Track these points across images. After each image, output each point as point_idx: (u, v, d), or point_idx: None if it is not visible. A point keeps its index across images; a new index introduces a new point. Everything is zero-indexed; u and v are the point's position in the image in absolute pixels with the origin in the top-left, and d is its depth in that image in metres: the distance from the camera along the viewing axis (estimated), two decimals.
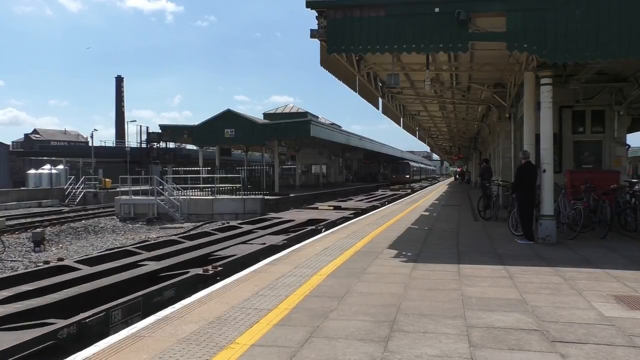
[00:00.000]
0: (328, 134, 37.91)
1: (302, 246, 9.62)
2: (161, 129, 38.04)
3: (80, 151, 63.26)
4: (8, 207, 33.69)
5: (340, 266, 7.49)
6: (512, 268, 7.28)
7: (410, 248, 9.23)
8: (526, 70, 10.79)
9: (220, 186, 28.77)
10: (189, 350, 4.01)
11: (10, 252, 17.46)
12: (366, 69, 14.38)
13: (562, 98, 13.22)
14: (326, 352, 3.97)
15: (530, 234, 9.85)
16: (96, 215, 29.01)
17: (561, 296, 5.67)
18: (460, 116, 27.32)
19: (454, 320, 4.77)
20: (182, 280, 8.11)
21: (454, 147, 54.03)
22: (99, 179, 44.78)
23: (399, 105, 22.41)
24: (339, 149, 52.38)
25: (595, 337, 4.31)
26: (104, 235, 21.83)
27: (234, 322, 4.76)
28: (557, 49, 8.58)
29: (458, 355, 3.88)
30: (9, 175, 57.75)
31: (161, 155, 57.95)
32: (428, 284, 6.31)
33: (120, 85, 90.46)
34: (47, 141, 74.97)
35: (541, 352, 3.95)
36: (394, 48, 9.29)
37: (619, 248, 9.09)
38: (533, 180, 9.94)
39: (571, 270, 7.11)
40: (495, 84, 16.97)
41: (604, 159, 14.05)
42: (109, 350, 4.04)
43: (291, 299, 5.57)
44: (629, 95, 13.60)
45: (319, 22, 9.36)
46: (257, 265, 7.75)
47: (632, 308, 5.19)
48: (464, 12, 8.59)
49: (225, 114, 33.74)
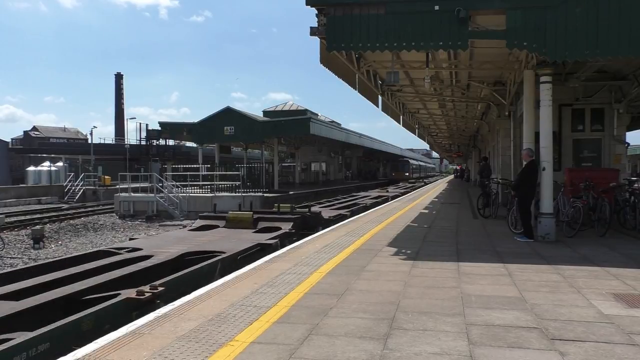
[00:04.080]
0: (328, 131, 37.92)
1: (302, 244, 9.63)
2: (160, 127, 38.05)
3: (79, 148, 63.23)
4: (7, 204, 33.68)
5: (340, 264, 7.49)
6: (512, 266, 7.29)
7: (409, 246, 9.23)
8: (526, 68, 10.78)
9: (220, 183, 28.80)
10: (189, 348, 4.01)
11: (9, 249, 17.47)
12: (366, 67, 14.36)
13: (561, 96, 13.21)
14: (326, 349, 3.97)
15: (530, 232, 9.87)
16: (95, 213, 29.03)
17: (560, 294, 5.68)
18: (460, 114, 27.32)
19: (453, 318, 4.78)
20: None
21: (453, 145, 54.00)
22: (99, 176, 44.81)
23: (399, 103, 22.40)
24: (339, 147, 52.42)
25: (594, 335, 4.31)
26: (103, 233, 21.84)
27: (234, 319, 4.76)
28: (556, 47, 8.57)
29: (457, 352, 3.89)
30: (8, 172, 57.70)
31: (160, 152, 58.06)
32: (427, 282, 6.31)
33: (120, 83, 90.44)
34: (47, 138, 74.91)
35: (540, 350, 3.96)
36: (394, 46, 9.28)
37: (618, 246, 9.10)
38: (535, 179, 9.96)
39: (570, 268, 7.12)
40: (494, 82, 16.95)
41: (604, 157, 14.04)
42: (108, 347, 4.04)
43: (291, 297, 5.57)
44: (628, 94, 13.60)
45: (318, 19, 9.35)
46: (256, 262, 7.75)
47: (631, 306, 5.20)
48: (463, 10, 8.57)
49: (225, 111, 33.76)
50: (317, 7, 9.30)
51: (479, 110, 23.54)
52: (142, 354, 3.89)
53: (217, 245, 10.17)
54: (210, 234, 12.05)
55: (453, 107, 24.79)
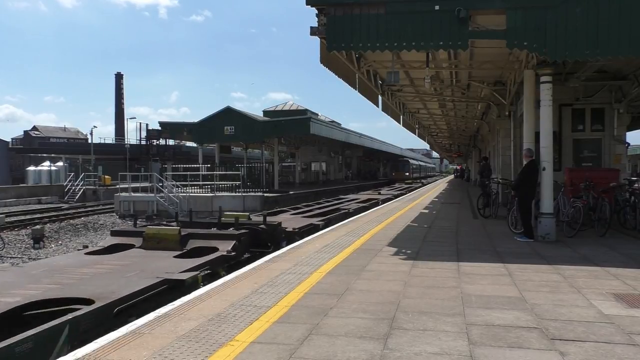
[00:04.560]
0: (328, 131, 37.92)
1: (302, 244, 9.63)
2: (161, 126, 38.06)
3: (79, 148, 63.30)
4: (7, 204, 33.67)
5: (340, 264, 7.49)
6: (512, 266, 7.29)
7: (409, 246, 9.23)
8: (526, 68, 10.78)
9: (220, 183, 28.79)
10: (189, 348, 4.01)
11: (9, 248, 17.46)
12: (366, 67, 14.36)
13: (561, 96, 13.20)
14: (326, 349, 3.97)
15: (530, 232, 9.87)
16: (95, 212, 29.03)
17: (560, 294, 5.68)
18: (460, 114, 27.32)
19: (453, 317, 4.78)
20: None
21: (453, 145, 54.01)
22: (99, 176, 44.80)
23: (399, 103, 22.40)
24: (339, 147, 52.42)
25: (595, 335, 4.31)
26: (103, 232, 21.83)
27: (234, 319, 4.76)
28: (557, 47, 8.57)
29: (457, 352, 3.89)
30: (8, 172, 57.70)
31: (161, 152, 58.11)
32: (427, 282, 6.31)
33: (120, 82, 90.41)
34: (47, 138, 74.99)
35: (540, 350, 3.96)
36: (394, 46, 9.28)
37: (618, 246, 9.10)
38: (535, 179, 9.96)
39: (570, 268, 7.12)
40: (495, 82, 16.95)
41: (604, 157, 14.04)
42: (108, 347, 4.04)
43: (291, 297, 5.57)
44: (628, 93, 13.60)
45: (319, 19, 9.35)
46: (256, 262, 7.76)
47: (631, 306, 5.20)
48: (464, 10, 8.58)
49: (225, 111, 33.76)
50: (317, 7, 9.30)
51: (479, 110, 23.54)
52: (142, 354, 3.89)
53: (96, 283, 6.92)
54: (113, 258, 8.92)
55: (453, 107, 24.79)
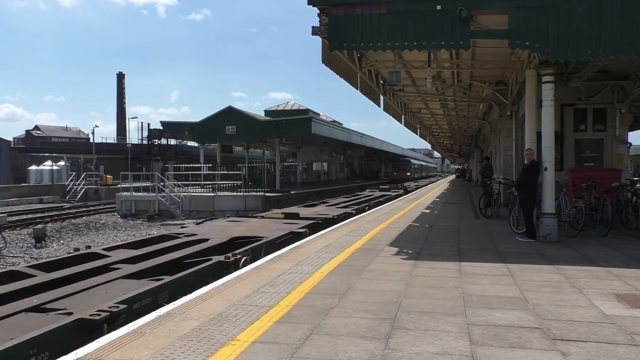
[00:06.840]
0: (329, 131, 37.91)
1: (303, 243, 9.63)
2: (162, 126, 38.08)
3: (81, 147, 63.41)
4: (9, 203, 33.72)
5: (341, 263, 7.49)
6: (513, 266, 7.28)
7: (411, 245, 9.23)
8: (528, 68, 10.76)
9: (222, 183, 28.79)
10: (190, 347, 4.01)
11: (11, 248, 17.49)
12: (367, 66, 14.36)
13: (563, 96, 13.18)
14: (327, 349, 3.97)
15: (532, 232, 9.86)
16: (97, 212, 29.07)
17: (562, 294, 5.67)
18: (462, 114, 27.30)
19: (454, 317, 4.78)
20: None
21: (455, 145, 53.96)
22: (100, 175, 44.85)
23: (400, 103, 22.39)
24: (340, 146, 52.37)
25: (596, 335, 4.31)
26: (105, 232, 21.85)
27: (235, 318, 4.76)
28: (559, 47, 8.56)
29: (459, 352, 3.88)
30: (10, 172, 57.78)
31: (162, 151, 58.11)
32: (429, 282, 6.31)
33: (122, 82, 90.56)
34: (48, 137, 75.16)
35: (542, 350, 3.95)
36: (396, 45, 9.27)
37: (620, 246, 9.09)
38: (537, 179, 9.95)
39: (572, 268, 7.11)
40: (496, 82, 16.93)
41: (606, 157, 14.01)
42: (110, 347, 4.04)
43: (292, 296, 5.57)
44: (630, 93, 13.56)
45: (320, 19, 9.35)
46: (258, 262, 7.76)
47: (633, 306, 5.19)
48: (465, 10, 8.57)
49: (227, 111, 33.73)
50: (319, 7, 9.30)
51: (481, 110, 23.51)
52: (143, 353, 3.89)
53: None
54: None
55: (455, 106, 24.78)
